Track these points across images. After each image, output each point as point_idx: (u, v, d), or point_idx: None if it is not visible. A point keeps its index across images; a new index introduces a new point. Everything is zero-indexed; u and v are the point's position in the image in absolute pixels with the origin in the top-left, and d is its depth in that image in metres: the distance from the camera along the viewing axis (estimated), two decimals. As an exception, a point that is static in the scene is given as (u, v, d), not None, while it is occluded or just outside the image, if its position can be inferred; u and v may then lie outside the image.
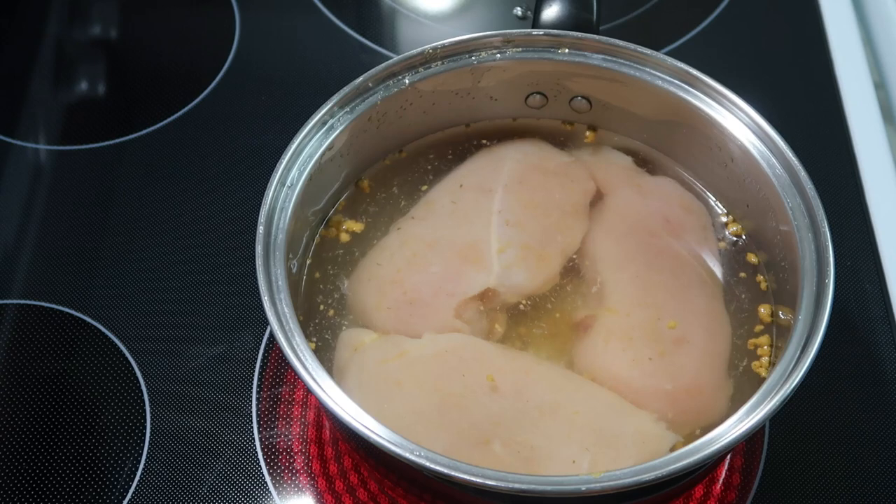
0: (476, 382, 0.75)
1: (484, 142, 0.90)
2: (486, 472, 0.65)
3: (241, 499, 0.86)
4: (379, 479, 0.85)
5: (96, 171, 1.04)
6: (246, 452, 0.88)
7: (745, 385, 0.78)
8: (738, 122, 0.81)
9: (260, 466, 0.87)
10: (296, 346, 0.70)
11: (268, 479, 0.86)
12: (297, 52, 1.14)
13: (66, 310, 0.94)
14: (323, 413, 0.89)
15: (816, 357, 0.70)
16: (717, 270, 0.83)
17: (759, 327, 0.81)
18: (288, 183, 0.78)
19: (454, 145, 0.90)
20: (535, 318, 0.81)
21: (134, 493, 0.86)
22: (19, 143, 1.06)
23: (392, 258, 0.82)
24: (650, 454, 0.72)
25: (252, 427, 0.89)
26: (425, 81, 0.84)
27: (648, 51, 0.83)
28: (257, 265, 0.73)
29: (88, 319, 0.94)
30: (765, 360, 0.79)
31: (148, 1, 1.19)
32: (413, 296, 0.80)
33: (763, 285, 0.82)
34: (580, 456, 0.72)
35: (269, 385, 0.91)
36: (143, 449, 0.88)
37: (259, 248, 0.74)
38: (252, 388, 0.91)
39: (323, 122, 0.81)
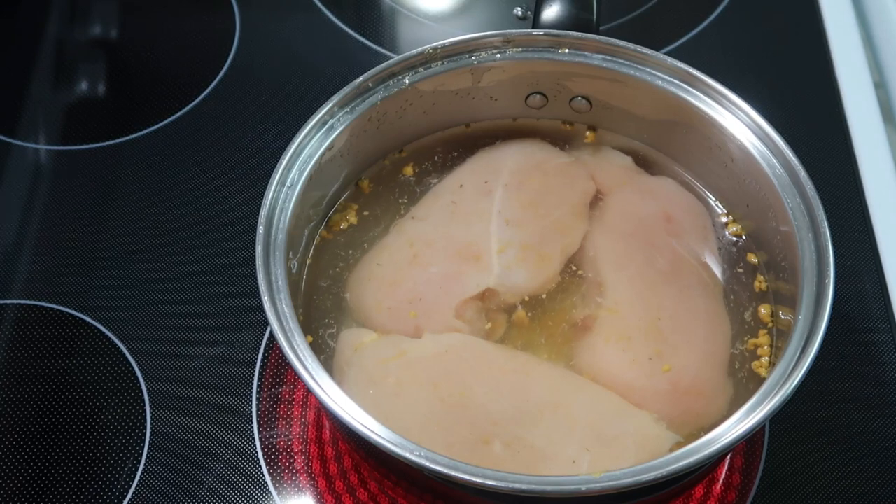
0: (476, 382, 0.75)
1: (484, 142, 0.90)
2: (486, 472, 0.65)
3: (241, 499, 0.86)
4: (379, 479, 0.85)
5: (96, 171, 1.04)
6: (246, 452, 0.88)
7: (745, 385, 0.78)
8: (738, 122, 0.81)
9: (260, 466, 0.87)
10: (296, 346, 0.70)
11: (268, 479, 0.86)
12: (297, 52, 1.14)
13: (66, 310, 0.94)
14: (323, 413, 0.89)
15: (816, 357, 0.69)
16: (717, 270, 0.83)
17: (759, 327, 0.81)
18: (288, 183, 0.78)
19: (454, 145, 0.90)
20: (535, 318, 0.81)
21: (134, 493, 0.86)
22: (19, 143, 1.06)
23: (392, 258, 0.82)
24: (650, 454, 0.72)
25: (252, 427, 0.89)
26: (425, 81, 0.84)
27: (648, 51, 0.83)
28: (257, 265, 0.73)
29: (88, 319, 0.94)
30: (765, 360, 0.79)
31: (148, 1, 1.19)
32: (413, 296, 0.80)
33: (763, 285, 0.82)
34: (580, 456, 0.72)
35: (269, 385, 0.91)
36: (143, 449, 0.88)
37: (259, 248, 0.74)
38: (252, 388, 0.91)
39: (323, 122, 0.81)
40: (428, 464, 0.65)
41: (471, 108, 0.89)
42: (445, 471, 0.65)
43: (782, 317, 0.80)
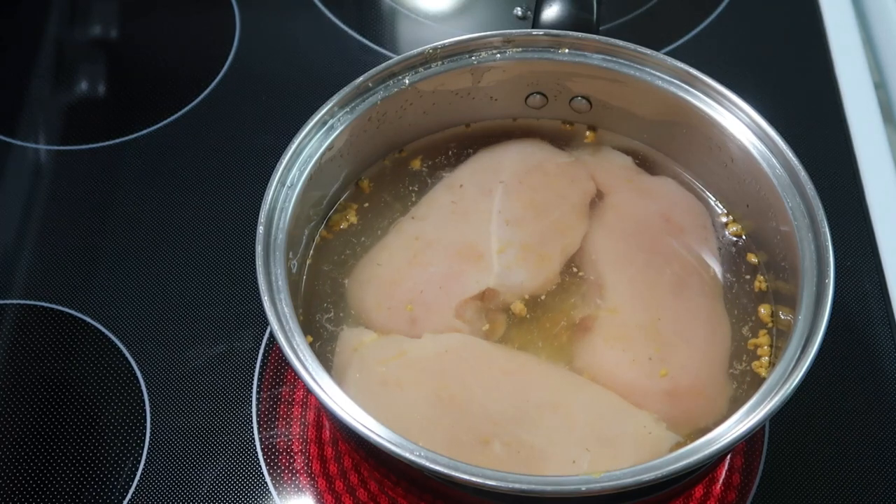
0: (476, 382, 0.75)
1: (484, 142, 0.90)
2: (486, 472, 0.65)
3: (241, 499, 0.86)
4: (379, 479, 0.85)
5: (96, 171, 1.04)
6: (246, 452, 0.88)
7: (745, 385, 0.78)
8: (738, 122, 0.81)
9: (260, 466, 0.87)
10: (296, 346, 0.70)
11: (268, 479, 0.86)
12: (297, 52, 1.14)
13: (66, 310, 0.94)
14: (323, 413, 0.89)
15: (816, 357, 0.70)
16: (717, 270, 0.83)
17: (759, 327, 0.81)
18: (288, 183, 0.78)
19: (454, 145, 0.90)
20: (535, 318, 0.81)
21: (134, 493, 0.86)
22: (19, 143, 1.06)
23: (392, 258, 0.82)
24: (650, 454, 0.72)
25: (252, 427, 0.89)
26: (425, 81, 0.84)
27: (648, 51, 0.83)
28: (257, 265, 0.73)
29: (88, 319, 0.94)
30: (765, 360, 0.79)
31: (148, 1, 1.19)
32: (413, 295, 0.80)
33: (763, 285, 0.82)
34: (580, 456, 0.72)
35: (269, 385, 0.91)
36: (143, 449, 0.88)
37: (259, 248, 0.74)
38: (252, 388, 0.91)
39: (323, 122, 0.81)
40: (428, 464, 0.65)
41: (471, 108, 0.89)
42: (445, 471, 0.65)
43: (782, 317, 0.80)
